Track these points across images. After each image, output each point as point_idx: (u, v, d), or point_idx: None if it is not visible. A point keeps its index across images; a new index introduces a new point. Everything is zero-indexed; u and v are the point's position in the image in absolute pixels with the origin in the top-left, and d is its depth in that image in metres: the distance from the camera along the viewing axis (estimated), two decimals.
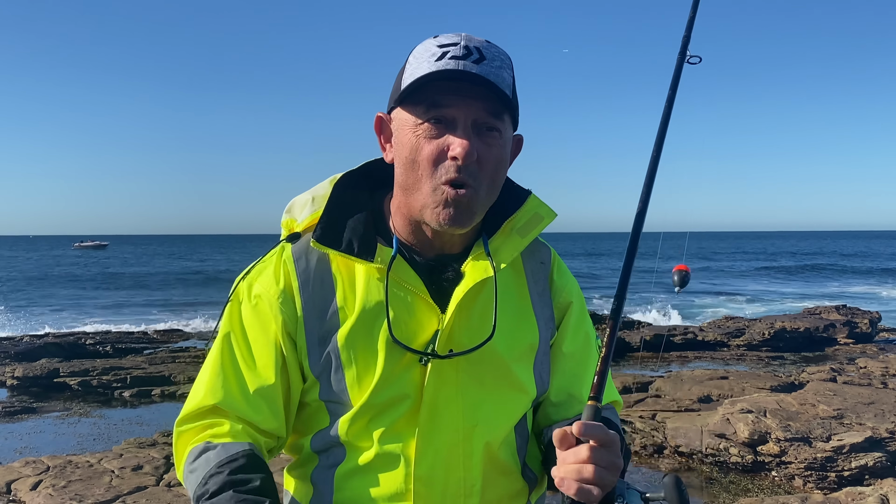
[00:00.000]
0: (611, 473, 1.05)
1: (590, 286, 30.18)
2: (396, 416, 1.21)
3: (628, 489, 1.12)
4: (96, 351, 13.84)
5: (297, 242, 1.30)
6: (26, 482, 5.85)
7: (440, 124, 1.17)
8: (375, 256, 1.24)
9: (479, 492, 1.24)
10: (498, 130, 1.20)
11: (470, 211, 1.20)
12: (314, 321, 1.24)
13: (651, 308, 20.37)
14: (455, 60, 1.15)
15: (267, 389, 1.22)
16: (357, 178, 1.36)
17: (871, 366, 11.07)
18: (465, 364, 1.23)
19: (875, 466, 6.33)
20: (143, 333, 16.65)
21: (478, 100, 1.17)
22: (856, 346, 14.49)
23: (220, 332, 1.28)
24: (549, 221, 1.35)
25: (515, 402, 1.28)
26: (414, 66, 1.19)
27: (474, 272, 1.25)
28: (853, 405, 7.37)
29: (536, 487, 1.35)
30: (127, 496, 5.52)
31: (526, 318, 1.32)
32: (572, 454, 1.05)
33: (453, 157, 1.16)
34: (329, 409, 1.25)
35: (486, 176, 1.20)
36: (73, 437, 8.48)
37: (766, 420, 6.93)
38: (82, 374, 11.10)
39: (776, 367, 12.50)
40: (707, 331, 15.02)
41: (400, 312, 1.22)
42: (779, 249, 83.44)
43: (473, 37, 1.21)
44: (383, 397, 1.21)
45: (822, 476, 6.38)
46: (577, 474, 1.03)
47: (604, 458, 1.04)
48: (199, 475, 1.15)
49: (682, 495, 1.14)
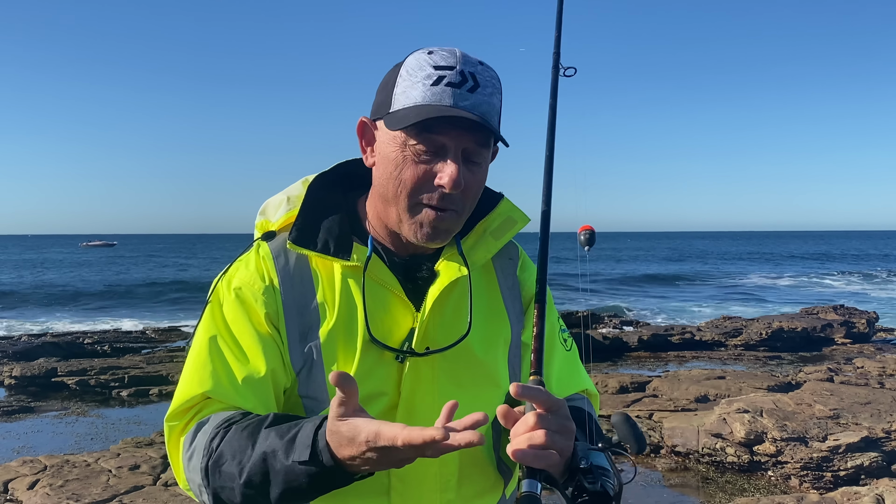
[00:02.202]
0: (563, 437, 1.04)
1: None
2: (374, 413, 1.20)
3: (593, 450, 1.12)
4: (94, 350, 13.85)
5: (273, 240, 1.30)
6: (23, 481, 5.85)
7: (429, 149, 1.18)
8: (352, 255, 1.25)
9: (456, 486, 1.26)
10: (483, 159, 1.23)
11: (449, 231, 1.24)
12: (294, 317, 1.24)
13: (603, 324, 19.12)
14: (451, 88, 1.16)
15: (257, 381, 1.19)
16: (330, 180, 1.37)
17: (868, 366, 11.09)
18: (440, 361, 1.25)
19: (871, 466, 6.35)
20: (142, 333, 16.67)
21: (469, 132, 1.18)
22: (853, 346, 14.50)
23: (202, 332, 1.24)
24: (522, 226, 1.38)
25: (491, 398, 1.29)
26: (407, 85, 1.19)
27: (448, 271, 1.27)
28: (850, 405, 7.39)
29: (511, 480, 1.37)
30: (124, 495, 5.53)
31: (498, 314, 1.35)
32: (520, 424, 1.03)
33: (440, 185, 1.18)
34: (306, 406, 1.24)
35: (469, 200, 1.24)
36: (71, 436, 8.49)
37: (763, 420, 6.95)
38: (80, 374, 11.10)
39: (773, 367, 12.52)
40: (704, 330, 15.03)
41: (376, 311, 1.23)
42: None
43: (468, 56, 1.21)
44: (360, 394, 1.21)
45: (819, 476, 6.40)
46: (528, 441, 1.01)
47: (552, 422, 1.03)
48: (201, 450, 1.11)
49: (634, 428, 1.18)
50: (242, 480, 1.05)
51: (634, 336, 14.55)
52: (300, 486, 1.03)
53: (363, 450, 0.95)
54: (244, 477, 1.05)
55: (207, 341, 1.22)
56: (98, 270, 48.54)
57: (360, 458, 0.97)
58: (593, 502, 1.09)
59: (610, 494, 1.09)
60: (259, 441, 1.06)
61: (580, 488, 1.08)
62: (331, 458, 0.99)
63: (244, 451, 1.06)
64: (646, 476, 6.68)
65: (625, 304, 25.15)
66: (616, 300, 26.47)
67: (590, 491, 1.08)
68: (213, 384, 1.17)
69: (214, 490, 1.09)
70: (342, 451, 0.98)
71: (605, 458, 1.13)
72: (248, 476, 1.05)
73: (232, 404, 1.17)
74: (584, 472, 1.08)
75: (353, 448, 0.96)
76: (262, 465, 1.04)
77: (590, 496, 1.08)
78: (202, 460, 1.10)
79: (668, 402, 8.62)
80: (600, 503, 1.09)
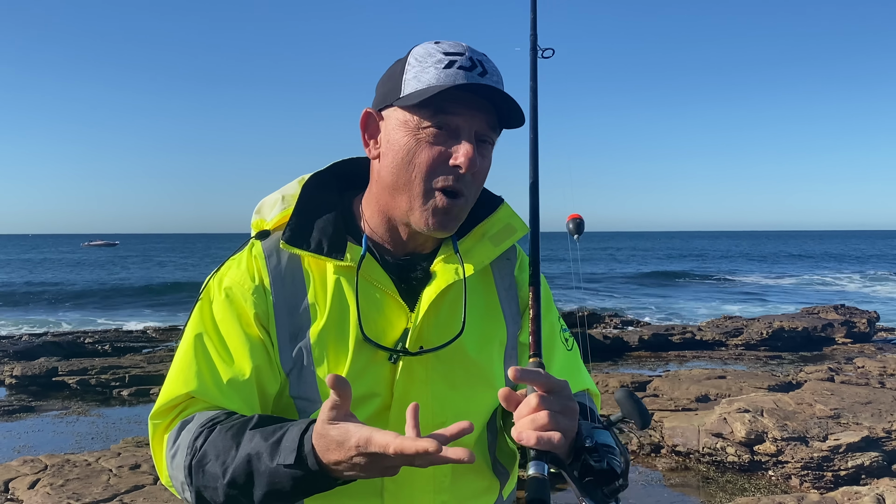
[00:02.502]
0: (567, 417, 1.02)
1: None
2: (366, 413, 1.21)
3: (596, 429, 1.11)
4: (95, 350, 13.86)
5: (266, 240, 1.30)
6: (24, 481, 5.86)
7: (442, 131, 1.19)
8: (345, 255, 1.24)
9: (449, 487, 1.26)
10: (492, 143, 1.25)
11: (458, 219, 1.25)
12: (285, 317, 1.24)
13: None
14: (463, 71, 1.18)
15: (241, 383, 1.19)
16: (326, 179, 1.36)
17: (868, 365, 11.09)
18: (434, 362, 1.24)
19: (871, 466, 6.35)
20: (142, 332, 16.67)
21: (482, 112, 1.20)
22: (854, 346, 14.51)
23: (190, 329, 1.25)
24: (521, 234, 1.37)
25: (485, 399, 1.29)
26: (418, 70, 1.20)
27: (445, 273, 1.27)
28: (850, 405, 7.39)
29: (507, 482, 1.37)
30: (125, 495, 5.53)
31: (494, 315, 1.34)
32: (523, 406, 1.02)
33: (456, 165, 1.18)
34: (298, 407, 1.24)
35: (477, 185, 1.25)
36: (72, 435, 8.50)
37: (763, 419, 6.95)
38: (81, 373, 11.10)
39: (774, 367, 12.52)
40: (705, 330, 15.03)
41: (370, 311, 1.23)
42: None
43: (473, 48, 1.23)
44: (353, 394, 1.21)
45: (819, 475, 6.40)
46: (532, 423, 0.99)
47: (554, 403, 1.01)
48: (185, 449, 1.12)
49: (638, 404, 1.17)
50: (226, 481, 1.06)
51: (635, 335, 14.55)
52: (283, 489, 1.03)
53: (352, 454, 0.95)
54: (228, 477, 1.05)
55: (194, 340, 1.22)
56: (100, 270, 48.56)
57: (346, 464, 0.97)
58: (600, 481, 1.08)
59: (617, 472, 1.08)
60: (244, 442, 1.06)
61: (586, 468, 1.07)
62: (316, 462, 0.99)
63: (228, 452, 1.06)
64: (646, 476, 6.68)
65: (625, 303, 25.16)
66: (616, 299, 26.47)
67: (596, 470, 1.07)
68: (198, 384, 1.18)
69: (197, 489, 1.10)
70: (329, 456, 0.98)
71: (611, 436, 1.12)
72: (231, 476, 1.05)
73: (216, 405, 1.18)
74: (589, 450, 1.07)
75: (342, 452, 0.96)
76: (246, 467, 1.04)
77: (596, 475, 1.07)
78: (186, 459, 1.10)
79: (668, 401, 8.62)
80: (607, 481, 1.08)
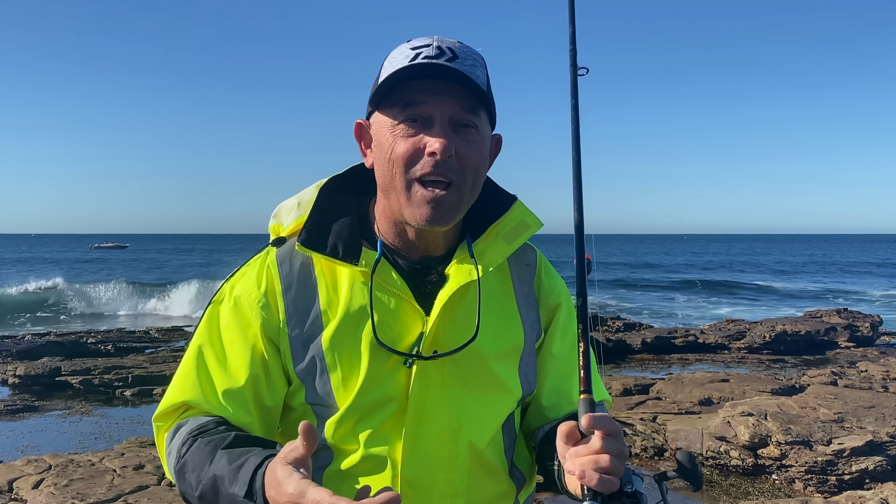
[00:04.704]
0: (622, 462, 1.07)
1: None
2: (382, 418, 1.23)
3: (633, 475, 1.14)
4: (98, 350, 13.86)
5: (282, 246, 1.32)
6: (28, 481, 5.86)
7: (416, 123, 1.19)
8: (360, 260, 1.25)
9: (465, 492, 1.26)
10: (475, 126, 1.22)
11: (452, 210, 1.22)
12: (297, 325, 1.25)
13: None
14: (428, 60, 1.18)
15: (235, 392, 1.23)
16: (343, 182, 1.37)
17: (871, 369, 11.06)
18: (449, 366, 1.24)
19: (876, 470, 6.33)
20: (145, 332, 16.66)
21: (453, 96, 1.19)
22: (857, 350, 14.47)
23: (197, 336, 1.29)
24: (535, 230, 1.36)
25: (500, 403, 1.29)
26: (387, 70, 1.21)
27: (458, 275, 1.27)
28: (854, 409, 7.37)
29: (524, 487, 1.37)
30: (128, 495, 5.53)
31: (511, 320, 1.33)
32: (585, 447, 1.06)
33: (431, 152, 1.18)
34: (316, 413, 1.25)
35: (469, 172, 1.22)
36: (75, 435, 8.50)
37: (767, 423, 6.94)
38: (84, 373, 11.11)
39: (777, 370, 12.49)
40: (708, 333, 15.01)
41: (384, 315, 1.23)
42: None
43: (446, 38, 1.22)
44: (368, 399, 1.22)
45: (823, 480, 6.39)
46: (596, 464, 1.04)
47: (615, 447, 1.06)
48: (174, 453, 1.19)
49: (696, 468, 1.20)
50: (197, 494, 1.14)
51: (638, 338, 14.53)
52: None
53: (283, 501, 0.97)
54: (199, 491, 1.13)
55: (198, 349, 1.28)
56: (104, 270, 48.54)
57: None
58: None
59: None
60: (214, 461, 1.12)
61: None
62: (264, 499, 1.03)
63: (202, 467, 1.13)
64: (649, 479, 6.67)
65: (628, 305, 25.15)
66: (619, 302, 26.46)
67: None
68: (194, 394, 1.24)
69: (182, 491, 1.19)
70: (269, 492, 1.01)
71: (658, 487, 1.18)
72: (202, 491, 1.13)
73: (211, 413, 1.23)
74: (628, 496, 1.10)
75: (278, 495, 0.99)
76: (212, 486, 1.11)
77: None
78: (174, 463, 1.19)
79: (671, 404, 8.60)
80: None
